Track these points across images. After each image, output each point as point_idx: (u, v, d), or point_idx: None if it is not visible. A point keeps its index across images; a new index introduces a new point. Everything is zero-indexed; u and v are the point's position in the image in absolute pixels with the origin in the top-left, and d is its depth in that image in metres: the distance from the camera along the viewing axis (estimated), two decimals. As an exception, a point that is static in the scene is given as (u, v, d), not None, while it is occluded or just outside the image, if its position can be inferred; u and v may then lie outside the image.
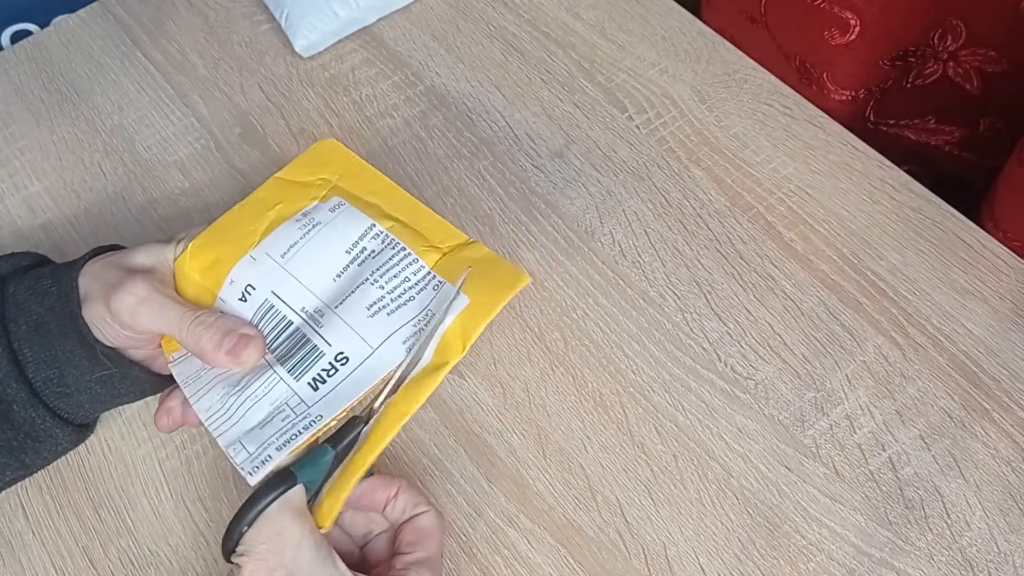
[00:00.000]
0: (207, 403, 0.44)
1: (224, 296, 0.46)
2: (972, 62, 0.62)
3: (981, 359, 0.52)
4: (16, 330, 0.44)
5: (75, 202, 0.61)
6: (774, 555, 0.47)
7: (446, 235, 0.48)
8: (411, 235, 0.48)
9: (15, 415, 0.44)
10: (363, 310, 0.44)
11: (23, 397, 0.43)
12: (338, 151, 0.53)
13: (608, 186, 0.60)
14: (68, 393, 0.45)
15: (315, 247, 0.47)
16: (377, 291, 0.45)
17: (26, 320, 0.44)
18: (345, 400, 0.43)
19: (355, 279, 0.46)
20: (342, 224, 0.48)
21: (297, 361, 0.44)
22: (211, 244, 0.47)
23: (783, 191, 0.59)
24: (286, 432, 0.42)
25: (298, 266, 0.46)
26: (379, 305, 0.45)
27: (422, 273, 0.46)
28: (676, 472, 0.50)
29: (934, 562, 0.47)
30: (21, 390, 0.43)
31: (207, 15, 0.71)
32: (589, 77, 0.65)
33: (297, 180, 0.51)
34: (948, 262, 0.56)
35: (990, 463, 0.49)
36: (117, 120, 0.65)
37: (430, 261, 0.47)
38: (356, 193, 0.50)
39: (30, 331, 0.44)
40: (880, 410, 0.51)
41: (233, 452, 0.42)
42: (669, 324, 0.54)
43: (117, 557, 0.49)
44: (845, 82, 0.66)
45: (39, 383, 0.44)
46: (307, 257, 0.46)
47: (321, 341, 0.44)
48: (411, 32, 0.69)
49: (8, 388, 0.43)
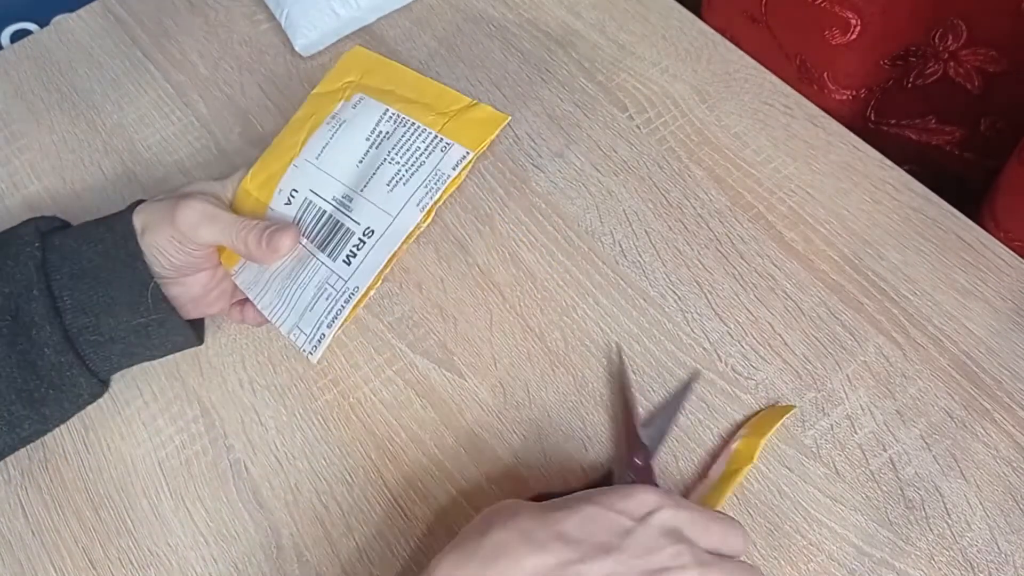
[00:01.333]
0: (268, 300, 0.50)
1: (273, 205, 0.52)
2: (973, 62, 0.61)
3: (982, 359, 0.52)
4: (59, 278, 0.46)
5: (75, 202, 0.61)
6: (775, 555, 0.47)
7: (451, 101, 0.52)
8: (419, 109, 0.52)
9: (44, 359, 0.45)
10: (383, 187, 0.49)
11: (56, 340, 0.45)
12: (361, 55, 0.57)
13: (608, 186, 0.60)
14: (101, 342, 0.47)
15: (341, 142, 0.52)
16: (393, 168, 0.50)
17: (71, 267, 0.47)
18: (375, 267, 0.48)
19: (375, 161, 0.51)
20: (362, 115, 0.53)
21: (333, 244, 0.49)
22: (264, 165, 0.53)
23: (784, 191, 0.59)
24: (332, 309, 0.48)
25: (328, 162, 0.52)
26: (396, 178, 0.50)
27: (429, 138, 0.50)
28: (677, 472, 0.50)
29: (935, 562, 0.47)
30: (55, 333, 0.45)
31: (207, 14, 0.70)
32: (590, 76, 0.65)
33: (328, 91, 0.56)
34: (949, 262, 0.56)
35: (991, 463, 0.49)
36: (117, 119, 0.65)
37: (436, 126, 0.51)
38: (374, 85, 0.55)
39: (74, 278, 0.46)
40: (881, 410, 0.51)
41: (293, 337, 0.48)
42: (670, 324, 0.54)
43: (117, 557, 0.49)
44: (846, 82, 0.66)
45: (74, 329, 0.46)
46: (335, 152, 0.52)
47: (351, 222, 0.49)
48: (411, 31, 0.68)
49: (42, 331, 0.45)
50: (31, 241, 0.47)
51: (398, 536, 0.49)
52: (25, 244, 0.47)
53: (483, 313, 0.55)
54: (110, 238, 0.48)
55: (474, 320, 0.55)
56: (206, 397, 0.53)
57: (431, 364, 0.54)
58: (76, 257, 0.47)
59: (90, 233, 0.48)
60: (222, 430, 0.52)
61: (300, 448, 0.52)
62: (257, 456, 0.51)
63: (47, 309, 0.45)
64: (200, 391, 0.53)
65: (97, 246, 0.47)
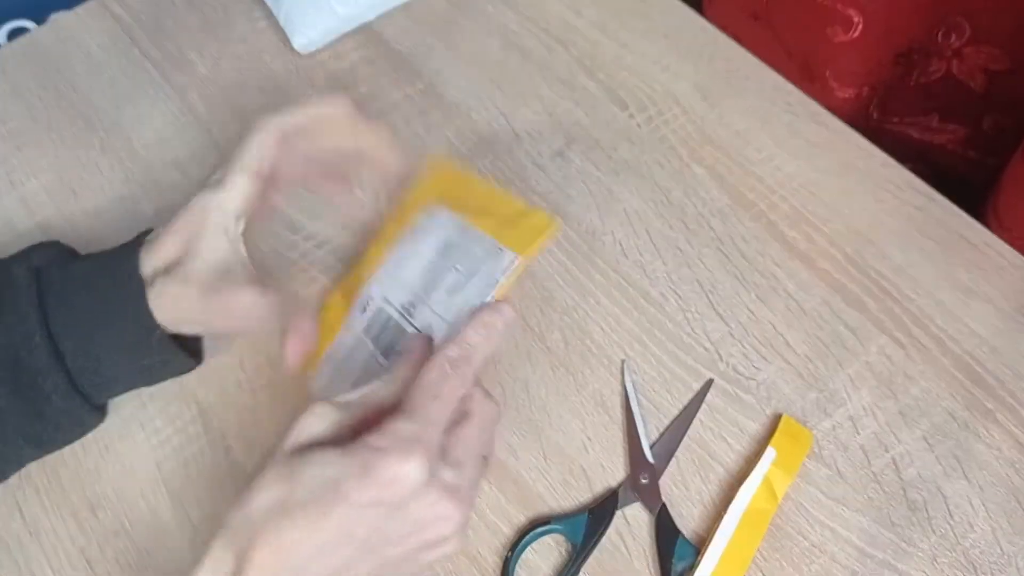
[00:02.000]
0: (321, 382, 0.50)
1: (351, 314, 0.51)
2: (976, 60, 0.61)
3: (985, 359, 0.52)
4: (57, 320, 0.45)
5: (72, 200, 0.61)
6: (776, 557, 0.47)
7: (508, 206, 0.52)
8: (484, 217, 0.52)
9: (52, 406, 0.45)
10: (444, 295, 0.49)
11: (62, 387, 0.44)
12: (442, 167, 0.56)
13: (609, 185, 0.60)
14: (103, 383, 0.46)
15: (415, 250, 0.51)
16: (455, 275, 0.49)
17: (67, 314, 0.45)
18: None
19: (441, 269, 0.51)
20: (436, 226, 0.52)
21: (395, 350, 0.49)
22: (355, 274, 0.53)
23: (786, 189, 0.59)
24: None
25: (402, 270, 0.51)
26: (456, 286, 0.49)
27: (486, 244, 0.50)
28: (678, 473, 0.50)
29: (937, 564, 0.46)
30: (60, 381, 0.44)
31: (205, 12, 0.70)
32: (590, 74, 0.65)
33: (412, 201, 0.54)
34: (952, 261, 0.55)
35: (994, 464, 0.49)
36: (114, 118, 0.65)
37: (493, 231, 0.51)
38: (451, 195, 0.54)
39: (72, 325, 0.45)
40: (883, 411, 0.51)
41: None
42: (671, 324, 0.54)
43: (114, 558, 0.49)
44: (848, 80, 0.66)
45: (76, 373, 0.45)
46: (408, 260, 0.51)
47: (412, 328, 0.49)
48: (411, 29, 0.68)
49: (47, 380, 0.44)
50: (27, 285, 0.45)
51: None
52: (21, 291, 0.45)
53: (483, 313, 0.55)
54: (110, 283, 0.45)
55: (474, 320, 0.55)
56: (204, 398, 0.53)
57: (430, 364, 0.54)
58: (74, 302, 0.45)
59: (90, 277, 0.46)
60: (220, 431, 0.52)
61: (299, 449, 0.51)
62: (255, 457, 0.51)
63: (50, 357, 0.44)
64: (198, 392, 0.53)
65: (95, 293, 0.45)
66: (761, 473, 0.48)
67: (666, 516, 0.48)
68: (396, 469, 0.36)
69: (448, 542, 0.39)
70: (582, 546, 0.47)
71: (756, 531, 0.47)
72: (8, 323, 0.44)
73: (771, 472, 0.48)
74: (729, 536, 0.46)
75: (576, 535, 0.47)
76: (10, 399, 0.44)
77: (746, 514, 0.47)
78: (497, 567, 0.47)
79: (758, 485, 0.48)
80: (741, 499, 0.47)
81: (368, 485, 0.36)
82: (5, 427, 0.44)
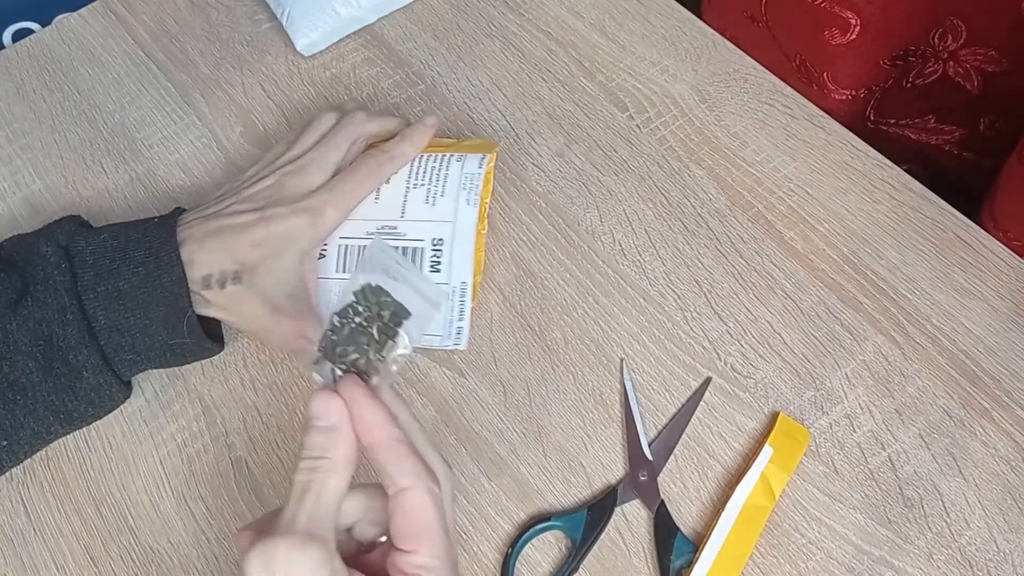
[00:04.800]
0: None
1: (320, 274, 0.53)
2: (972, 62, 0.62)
3: (980, 358, 0.52)
4: (93, 297, 0.45)
5: (77, 200, 0.61)
6: (773, 553, 0.47)
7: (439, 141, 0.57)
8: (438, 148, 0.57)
9: (83, 382, 0.45)
10: (423, 205, 0.53)
11: (94, 363, 0.45)
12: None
13: (608, 185, 0.60)
14: (136, 360, 0.47)
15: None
16: (421, 190, 0.53)
17: (106, 287, 0.45)
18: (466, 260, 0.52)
19: (397, 194, 0.54)
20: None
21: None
22: None
23: (783, 190, 0.59)
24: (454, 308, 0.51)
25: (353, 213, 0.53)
26: (431, 196, 0.53)
27: (438, 159, 0.55)
28: (677, 471, 0.50)
29: (933, 560, 0.47)
30: (92, 356, 0.45)
31: (208, 14, 0.71)
32: (589, 76, 0.65)
33: None
34: (948, 261, 0.56)
35: (989, 462, 0.49)
36: (119, 119, 0.65)
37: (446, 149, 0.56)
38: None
39: (109, 299, 0.45)
40: (880, 409, 0.51)
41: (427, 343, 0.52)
42: (669, 323, 0.55)
43: (118, 554, 0.49)
44: (845, 81, 0.66)
45: (109, 349, 0.46)
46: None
47: (409, 241, 0.52)
48: (412, 31, 0.69)
49: (79, 354, 0.44)
50: (57, 263, 0.45)
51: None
52: (52, 266, 0.45)
53: (483, 312, 0.55)
54: (153, 265, 0.46)
55: (474, 319, 0.55)
56: (207, 395, 0.53)
57: (431, 362, 0.54)
58: (112, 278, 0.46)
59: (126, 252, 0.46)
60: (223, 428, 0.52)
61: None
62: (258, 454, 0.52)
63: (82, 332, 0.44)
64: (201, 389, 0.54)
65: (138, 268, 0.46)
66: (758, 471, 0.48)
67: (665, 513, 0.48)
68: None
69: None
70: (581, 542, 0.47)
71: (754, 528, 0.47)
72: (40, 299, 0.44)
73: (768, 470, 0.48)
74: (727, 533, 0.47)
75: (575, 532, 0.48)
76: (42, 375, 0.44)
77: (744, 511, 0.47)
78: (497, 564, 0.48)
79: (755, 482, 0.48)
80: (739, 496, 0.48)
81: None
82: (36, 404, 0.45)
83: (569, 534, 0.48)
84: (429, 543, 0.35)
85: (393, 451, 0.35)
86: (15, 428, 0.45)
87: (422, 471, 0.35)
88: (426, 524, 0.35)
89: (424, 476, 0.35)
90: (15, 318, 0.44)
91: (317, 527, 0.33)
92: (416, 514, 0.35)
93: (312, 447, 0.35)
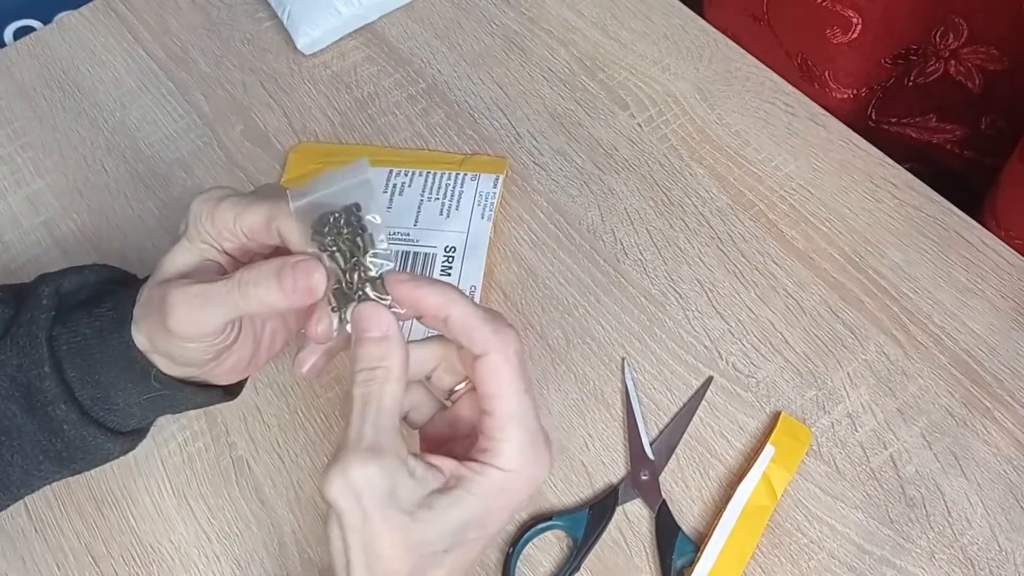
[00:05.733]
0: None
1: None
2: (974, 60, 0.61)
3: (982, 357, 0.52)
4: (61, 347, 0.42)
5: (77, 199, 0.61)
6: (775, 553, 0.47)
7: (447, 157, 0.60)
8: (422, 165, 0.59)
9: (66, 433, 0.42)
10: (438, 217, 0.55)
11: (73, 418, 0.42)
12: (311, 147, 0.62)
13: (610, 184, 0.60)
14: (116, 409, 0.43)
15: None
16: (436, 203, 0.56)
17: (68, 340, 0.42)
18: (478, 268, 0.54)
19: (411, 205, 0.56)
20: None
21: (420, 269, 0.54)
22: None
23: (785, 189, 0.59)
24: None
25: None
26: (446, 209, 0.56)
27: (454, 177, 0.58)
28: (678, 470, 0.50)
29: (935, 560, 0.47)
30: (71, 411, 0.42)
31: (209, 12, 0.71)
32: (591, 75, 0.65)
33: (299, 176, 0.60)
34: (950, 260, 0.56)
35: (991, 461, 0.49)
36: (119, 117, 0.65)
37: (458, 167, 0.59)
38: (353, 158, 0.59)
39: (72, 352, 0.42)
40: (881, 408, 0.51)
41: None
42: (671, 322, 0.54)
43: (119, 554, 0.49)
44: (847, 80, 0.66)
45: (87, 402, 0.42)
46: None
47: (421, 247, 0.55)
48: (413, 29, 0.69)
49: (57, 409, 0.41)
50: (48, 307, 0.42)
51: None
52: (41, 310, 0.42)
53: (485, 311, 0.55)
54: (110, 316, 0.42)
55: (476, 318, 0.55)
56: (208, 394, 0.53)
57: (433, 362, 0.54)
58: (75, 330, 0.42)
59: (98, 306, 0.42)
60: (224, 428, 0.52)
61: (303, 446, 0.52)
62: (260, 454, 0.51)
63: (59, 387, 0.41)
64: (202, 388, 0.54)
65: (96, 323, 0.42)
66: (760, 470, 0.48)
67: (666, 512, 0.48)
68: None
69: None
70: (583, 542, 0.47)
71: (755, 527, 0.47)
72: (20, 344, 0.42)
73: (770, 469, 0.48)
74: (728, 532, 0.47)
75: (577, 531, 0.48)
76: (26, 417, 0.42)
77: (745, 511, 0.47)
78: (498, 563, 0.48)
79: (757, 482, 0.48)
80: (740, 496, 0.48)
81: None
82: (23, 443, 0.42)
83: (570, 533, 0.48)
84: (505, 402, 0.36)
85: (463, 323, 0.36)
86: (3, 466, 0.43)
87: (493, 336, 0.36)
88: (504, 384, 0.36)
89: (497, 341, 0.36)
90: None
91: (384, 436, 0.34)
92: (493, 377, 0.36)
93: (367, 358, 0.35)
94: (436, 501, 0.35)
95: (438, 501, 0.35)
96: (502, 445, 0.36)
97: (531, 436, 0.36)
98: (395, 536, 0.33)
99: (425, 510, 0.34)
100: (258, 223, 0.38)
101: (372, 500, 0.33)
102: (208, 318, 0.38)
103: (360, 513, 0.33)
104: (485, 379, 0.36)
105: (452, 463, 0.36)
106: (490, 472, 0.36)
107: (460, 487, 0.35)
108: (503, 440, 0.36)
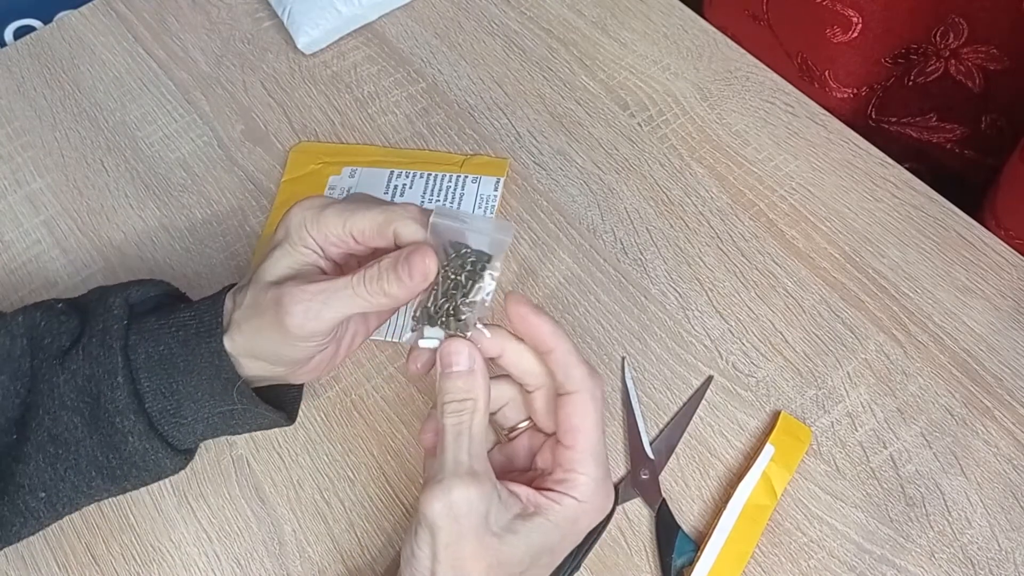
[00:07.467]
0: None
1: None
2: (974, 60, 0.62)
3: (982, 357, 0.52)
4: (136, 358, 0.43)
5: (77, 198, 0.61)
6: (775, 552, 0.47)
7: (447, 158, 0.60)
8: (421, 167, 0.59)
9: (129, 445, 0.43)
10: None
11: (140, 429, 0.42)
12: (312, 146, 0.62)
13: (610, 183, 0.60)
14: (184, 424, 0.44)
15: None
16: (437, 204, 0.56)
17: (148, 349, 0.43)
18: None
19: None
20: (367, 181, 0.59)
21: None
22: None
23: (785, 188, 0.59)
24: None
25: None
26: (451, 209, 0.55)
27: (454, 179, 0.58)
28: (678, 469, 0.50)
29: (935, 559, 0.47)
30: (139, 422, 0.42)
31: (209, 12, 0.71)
32: (591, 74, 0.65)
33: (300, 175, 0.60)
34: (950, 260, 0.56)
35: (991, 460, 0.49)
36: (119, 117, 0.65)
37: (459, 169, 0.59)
38: (351, 160, 0.61)
39: (151, 362, 0.43)
40: (881, 407, 0.51)
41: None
42: (671, 321, 0.55)
43: (120, 553, 0.49)
44: (847, 80, 0.66)
45: (155, 414, 0.43)
46: None
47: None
48: (413, 29, 0.69)
49: (125, 420, 0.42)
50: (120, 317, 0.43)
51: (400, 532, 0.49)
52: (113, 320, 0.43)
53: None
54: (194, 326, 0.43)
55: (476, 317, 0.55)
56: (208, 394, 0.53)
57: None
58: (155, 341, 0.43)
59: (176, 316, 0.44)
60: (224, 427, 0.52)
61: (303, 445, 0.52)
62: (260, 453, 0.51)
63: (130, 397, 0.42)
64: (203, 388, 0.54)
65: (179, 332, 0.43)
66: (760, 469, 0.48)
67: (666, 511, 0.48)
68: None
69: None
70: (583, 541, 0.47)
71: (755, 527, 0.47)
72: (93, 354, 0.42)
73: (770, 468, 0.48)
74: (728, 531, 0.47)
75: None
76: (87, 431, 0.42)
77: (745, 510, 0.47)
78: (499, 562, 0.48)
79: (757, 481, 0.48)
80: (740, 495, 0.48)
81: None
82: (79, 459, 0.43)
83: None
84: (586, 438, 0.39)
85: (565, 360, 0.39)
86: (55, 481, 0.43)
87: (587, 378, 0.39)
88: (588, 422, 0.39)
89: (589, 383, 0.39)
90: (63, 371, 0.42)
91: (478, 463, 0.37)
92: (581, 414, 0.39)
93: (454, 391, 0.38)
94: (520, 526, 0.38)
95: (521, 526, 0.38)
96: (580, 478, 0.39)
97: (604, 472, 0.40)
98: (485, 555, 0.36)
99: (510, 534, 0.37)
100: (370, 226, 0.41)
101: (469, 521, 0.36)
102: (329, 313, 0.40)
103: (457, 532, 0.36)
104: (573, 414, 0.39)
105: (528, 491, 0.39)
106: (567, 502, 0.39)
107: (540, 514, 0.38)
108: (582, 473, 0.39)
